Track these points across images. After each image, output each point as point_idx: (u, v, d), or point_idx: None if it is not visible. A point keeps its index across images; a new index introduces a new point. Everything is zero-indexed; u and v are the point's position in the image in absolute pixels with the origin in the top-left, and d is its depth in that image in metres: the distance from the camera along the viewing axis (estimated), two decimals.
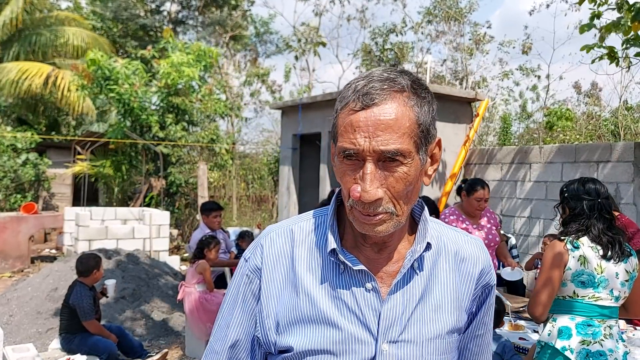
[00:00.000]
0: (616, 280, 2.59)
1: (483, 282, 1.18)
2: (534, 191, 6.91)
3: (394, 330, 1.06)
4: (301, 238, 1.14)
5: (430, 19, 17.08)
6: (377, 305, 1.06)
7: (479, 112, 7.81)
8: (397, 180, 0.99)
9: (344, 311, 1.06)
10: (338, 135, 1.02)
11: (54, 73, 14.24)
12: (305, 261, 1.11)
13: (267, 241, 1.15)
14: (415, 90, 1.03)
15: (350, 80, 1.06)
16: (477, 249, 1.18)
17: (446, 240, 1.16)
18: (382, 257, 1.10)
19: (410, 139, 0.99)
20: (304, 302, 1.08)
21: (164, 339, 5.84)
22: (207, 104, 12.67)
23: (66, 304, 4.72)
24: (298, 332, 1.07)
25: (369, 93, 0.99)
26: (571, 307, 2.62)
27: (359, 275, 1.07)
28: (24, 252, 9.92)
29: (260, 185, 17.64)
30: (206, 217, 6.03)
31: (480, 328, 1.23)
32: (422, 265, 1.11)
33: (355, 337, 1.05)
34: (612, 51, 5.04)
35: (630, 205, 5.92)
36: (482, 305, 1.21)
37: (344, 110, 1.01)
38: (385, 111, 0.98)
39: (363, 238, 1.09)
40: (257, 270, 1.13)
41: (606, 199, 2.70)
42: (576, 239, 2.63)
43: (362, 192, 0.97)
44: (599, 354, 2.50)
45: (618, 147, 6.15)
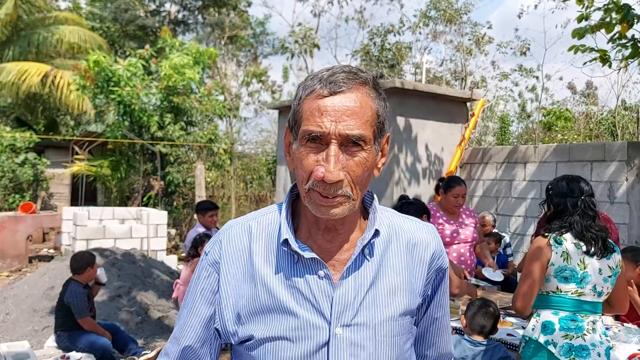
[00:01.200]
0: (599, 276, 2.62)
1: (435, 265, 1.23)
2: (528, 190, 6.94)
3: (346, 314, 1.10)
4: (258, 232, 1.18)
5: (426, 21, 17.11)
6: (330, 291, 1.11)
7: (474, 112, 7.84)
8: (357, 165, 1.05)
9: (299, 299, 1.11)
10: (302, 119, 1.07)
11: (52, 72, 14.27)
12: (263, 254, 1.16)
13: (225, 237, 1.20)
14: (375, 86, 1.10)
15: (312, 73, 1.12)
16: (428, 234, 1.24)
17: (398, 228, 1.21)
18: (334, 246, 1.14)
19: (370, 128, 1.06)
20: (262, 293, 1.12)
21: (159, 337, 5.87)
22: (206, 104, 12.70)
23: (61, 302, 4.76)
24: (258, 321, 1.12)
25: (336, 82, 1.05)
26: (555, 302, 2.65)
27: (312, 264, 1.12)
28: (21, 252, 9.95)
29: (259, 185, 17.66)
30: (202, 216, 6.05)
31: (438, 311, 1.28)
32: (373, 252, 1.15)
33: (310, 323, 1.10)
34: (604, 54, 5.06)
35: (624, 204, 5.95)
36: (438, 288, 1.26)
37: (310, 96, 1.07)
38: (351, 99, 1.05)
39: (317, 226, 1.14)
40: (216, 264, 1.18)
41: (590, 197, 2.73)
42: (559, 235, 2.67)
43: (326, 172, 1.02)
44: (581, 348, 2.54)
45: (612, 147, 6.18)
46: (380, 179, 7.05)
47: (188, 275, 5.38)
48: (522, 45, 16.14)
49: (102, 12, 18.66)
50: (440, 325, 1.30)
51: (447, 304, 1.31)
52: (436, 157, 7.49)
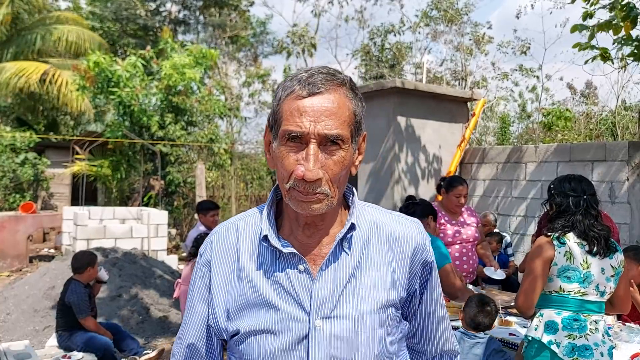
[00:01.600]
0: (602, 275, 2.62)
1: (420, 259, 1.25)
2: (529, 190, 6.93)
3: (326, 307, 1.13)
4: (245, 231, 1.23)
5: (427, 21, 17.10)
6: (309, 285, 1.14)
7: (475, 111, 7.84)
8: (335, 163, 1.09)
9: (281, 293, 1.15)
10: (282, 119, 1.11)
11: (50, 71, 14.27)
12: (248, 251, 1.21)
13: (215, 237, 1.26)
14: (352, 87, 1.15)
15: (290, 74, 1.18)
16: (410, 229, 1.25)
17: (380, 222, 1.24)
18: (313, 241, 1.18)
19: (348, 127, 1.11)
20: (248, 289, 1.17)
21: (160, 337, 5.87)
22: (207, 104, 12.70)
23: (62, 302, 4.75)
24: (245, 316, 1.17)
25: (315, 83, 1.10)
26: (558, 302, 2.65)
27: (292, 259, 1.16)
28: (22, 252, 9.95)
29: (259, 185, 17.67)
30: (203, 216, 6.05)
31: (431, 305, 1.31)
32: (352, 246, 1.18)
33: (291, 316, 1.13)
34: (605, 52, 5.06)
35: (625, 204, 5.95)
36: (427, 282, 1.28)
37: (290, 97, 1.11)
38: (329, 99, 1.09)
39: (297, 222, 1.18)
40: (208, 263, 1.24)
41: (592, 196, 2.73)
42: (562, 235, 2.66)
43: (306, 171, 1.06)
44: (584, 348, 2.54)
45: (612, 147, 6.18)
46: (380, 178, 7.05)
47: (189, 274, 5.38)
48: (523, 45, 16.15)
49: (103, 11, 18.64)
50: (436, 319, 1.32)
51: (440, 298, 1.33)
52: (436, 157, 7.48)
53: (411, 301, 1.28)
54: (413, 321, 1.30)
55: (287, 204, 1.16)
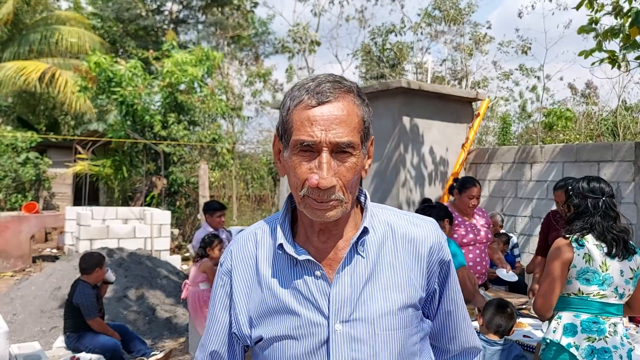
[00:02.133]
0: (621, 278, 2.61)
1: (436, 258, 1.25)
2: (535, 191, 6.94)
3: (344, 310, 1.15)
4: (263, 239, 1.26)
5: (429, 21, 17.10)
6: (327, 289, 1.16)
7: (479, 112, 7.83)
8: (348, 170, 1.11)
9: (300, 299, 1.17)
10: (293, 129, 1.12)
11: (50, 70, 14.25)
12: (266, 259, 1.24)
13: (235, 246, 1.29)
14: (359, 93, 1.17)
15: (297, 82, 1.17)
16: (425, 229, 1.26)
17: (394, 225, 1.25)
18: (328, 246, 1.20)
19: (358, 134, 1.13)
20: (268, 297, 1.20)
21: (167, 337, 5.86)
22: (209, 103, 12.69)
23: (70, 303, 4.74)
24: (267, 322, 1.20)
25: (323, 92, 1.11)
26: (576, 304, 2.64)
27: (309, 265, 1.18)
28: (25, 252, 9.93)
29: (260, 185, 17.66)
30: (210, 216, 6.04)
31: (451, 304, 1.32)
32: (367, 249, 1.20)
33: (311, 321, 1.16)
34: (613, 55, 5.06)
35: (631, 205, 5.96)
36: (446, 281, 1.30)
37: (299, 107, 1.12)
38: (338, 108, 1.11)
39: (312, 228, 1.20)
40: (228, 272, 1.28)
41: (611, 198, 2.72)
42: (581, 237, 2.65)
43: (320, 179, 1.08)
44: (603, 351, 2.53)
45: (619, 147, 6.18)
46: (386, 178, 7.05)
47: (196, 275, 5.37)
48: (524, 45, 16.16)
49: (104, 11, 18.61)
50: (457, 318, 1.33)
51: (459, 297, 1.34)
52: (442, 157, 7.48)
53: (431, 300, 1.29)
54: (434, 321, 1.32)
55: (301, 211, 1.17)
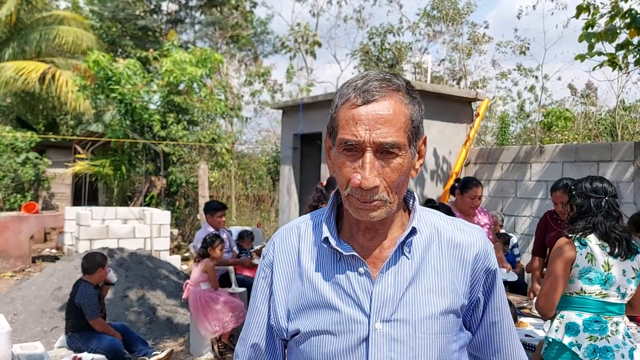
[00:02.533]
0: (623, 277, 2.63)
1: (482, 266, 1.23)
2: (534, 191, 6.96)
3: (386, 310, 1.14)
4: (307, 233, 1.27)
5: (427, 20, 17.13)
6: (369, 287, 1.15)
7: (479, 111, 7.86)
8: (393, 171, 1.10)
9: (342, 295, 1.16)
10: (339, 128, 1.13)
11: (50, 70, 14.24)
12: (309, 253, 1.23)
13: (278, 238, 1.30)
14: (409, 90, 1.15)
15: (348, 80, 1.17)
16: (471, 235, 1.24)
17: (440, 228, 1.24)
18: (374, 244, 1.19)
19: (404, 133, 1.11)
20: (309, 290, 1.19)
21: (168, 337, 5.87)
22: (208, 103, 12.69)
23: (71, 303, 4.74)
24: (305, 316, 1.19)
25: (369, 90, 1.10)
26: (578, 303, 2.66)
27: (352, 261, 1.17)
28: (25, 252, 9.92)
29: (259, 185, 17.65)
30: (210, 216, 6.05)
31: (496, 315, 1.28)
32: (413, 251, 1.19)
33: (351, 318, 1.15)
34: (613, 57, 5.08)
35: (631, 205, 5.98)
36: (491, 290, 1.26)
37: (345, 105, 1.12)
38: (384, 107, 1.09)
39: (357, 226, 1.19)
40: (270, 264, 1.28)
41: (613, 197, 2.73)
42: (584, 236, 2.67)
43: (362, 179, 1.07)
44: (605, 350, 2.55)
45: (618, 147, 6.21)
46: None
47: (198, 275, 5.39)
48: (522, 45, 16.18)
49: (102, 11, 18.59)
50: (501, 330, 1.29)
51: (505, 307, 1.30)
52: (442, 157, 7.50)
53: (474, 310, 1.26)
54: (478, 331, 1.29)
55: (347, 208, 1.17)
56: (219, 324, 5.25)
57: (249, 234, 7.06)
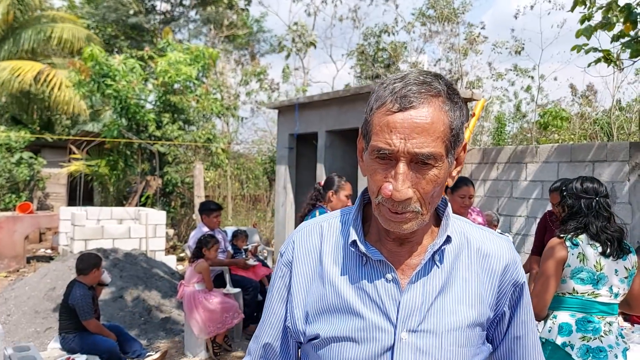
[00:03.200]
0: (615, 277, 2.63)
1: (510, 278, 1.19)
2: (530, 191, 6.96)
3: (413, 319, 1.09)
4: (329, 233, 1.20)
5: (423, 20, 17.13)
6: (397, 295, 1.10)
7: (475, 112, 7.86)
8: (428, 182, 1.04)
9: (366, 301, 1.11)
10: (372, 133, 1.06)
11: (46, 70, 14.20)
12: (332, 254, 1.17)
13: (298, 237, 1.23)
14: (450, 95, 1.07)
15: (385, 81, 1.10)
16: (501, 246, 1.20)
17: (470, 237, 1.19)
18: (403, 250, 1.14)
19: (442, 143, 1.03)
20: (330, 293, 1.14)
21: (163, 338, 5.85)
22: (204, 102, 12.66)
23: (65, 304, 4.72)
24: (325, 320, 1.13)
25: (407, 96, 1.02)
26: (571, 303, 2.66)
27: (380, 267, 1.12)
28: (19, 252, 9.88)
29: (255, 185, 17.62)
30: (206, 216, 6.04)
31: (521, 329, 1.23)
32: (443, 259, 1.14)
33: (376, 326, 1.09)
34: (608, 54, 5.09)
35: (626, 205, 5.98)
36: (517, 304, 1.22)
37: (381, 110, 1.05)
38: (422, 114, 1.02)
39: (386, 232, 1.14)
40: (289, 263, 1.21)
41: (605, 198, 2.73)
42: (575, 237, 2.67)
43: (394, 190, 1.02)
44: (598, 350, 2.55)
45: (613, 147, 6.21)
46: None
47: (192, 276, 5.38)
48: (517, 45, 16.20)
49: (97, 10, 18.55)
50: (526, 344, 1.24)
51: (531, 322, 1.25)
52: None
53: (499, 323, 1.21)
54: (501, 345, 1.24)
55: None
56: (213, 324, 5.23)
57: (242, 233, 7.04)
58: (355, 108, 7.82)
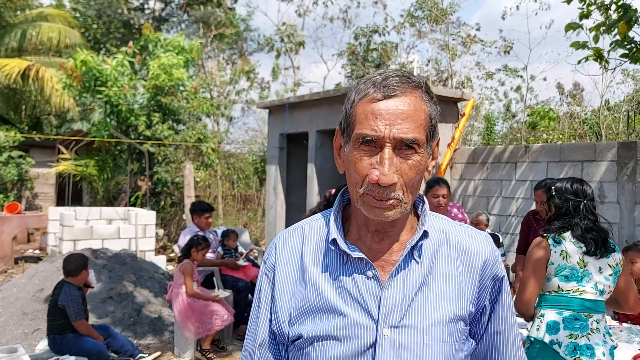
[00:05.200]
0: (600, 274, 2.66)
1: (490, 273, 1.20)
2: (519, 190, 7.00)
3: (394, 315, 1.10)
4: (310, 235, 1.21)
5: (412, 21, 17.17)
6: (378, 292, 1.11)
7: (465, 112, 7.89)
8: (411, 168, 1.07)
9: (347, 299, 1.12)
10: (356, 123, 1.09)
11: (34, 67, 14.08)
12: (313, 255, 1.19)
13: (280, 240, 1.24)
14: (427, 89, 1.13)
15: (364, 77, 1.14)
16: (480, 242, 1.22)
17: (449, 233, 1.21)
18: (383, 247, 1.16)
19: (424, 131, 1.08)
20: (312, 293, 1.15)
21: (153, 338, 5.82)
22: (194, 102, 12.62)
23: (54, 305, 4.67)
24: (307, 321, 1.14)
25: (390, 85, 1.07)
26: (557, 302, 2.68)
27: (360, 264, 1.13)
28: (7, 253, 9.80)
29: (246, 185, 17.58)
30: (197, 217, 6.02)
31: (501, 324, 1.24)
32: (422, 255, 1.15)
33: (357, 323, 1.10)
34: (599, 52, 5.11)
35: (614, 204, 6.03)
36: (497, 299, 1.23)
37: (364, 100, 1.08)
38: (405, 102, 1.07)
39: (366, 227, 1.15)
40: (272, 268, 1.22)
41: (591, 201, 2.78)
42: (558, 235, 2.71)
43: (381, 175, 1.03)
44: (586, 347, 2.57)
45: (602, 147, 6.26)
46: None
47: (178, 276, 5.34)
48: (506, 45, 16.27)
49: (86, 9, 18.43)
50: (506, 339, 1.26)
51: (511, 317, 1.26)
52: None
53: (480, 318, 1.23)
54: (482, 340, 1.25)
55: (356, 209, 1.13)
56: (202, 326, 5.21)
57: (232, 232, 7.00)
58: None
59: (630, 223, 5.88)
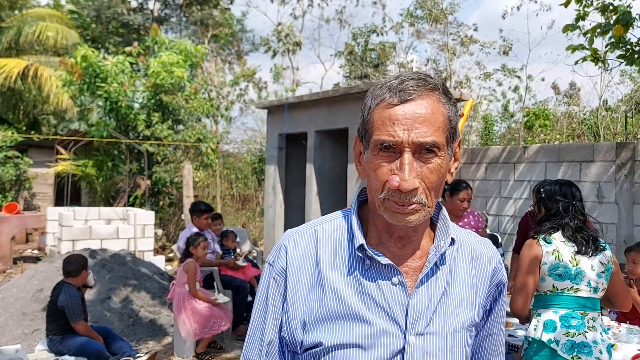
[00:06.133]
0: (592, 272, 2.70)
1: (496, 279, 1.22)
2: (518, 190, 7.01)
3: (420, 323, 1.09)
4: (325, 238, 1.16)
5: (411, 21, 17.20)
6: (404, 299, 1.09)
7: (463, 112, 7.89)
8: (432, 172, 1.05)
9: (372, 306, 1.09)
10: (373, 129, 1.07)
11: (32, 67, 14.05)
12: (330, 260, 1.14)
13: (290, 243, 1.17)
14: (445, 91, 1.10)
15: (381, 81, 1.12)
16: (488, 248, 1.24)
17: (462, 239, 1.21)
18: (406, 253, 1.13)
19: (443, 134, 1.06)
20: (331, 300, 1.10)
21: (151, 339, 5.82)
22: (193, 103, 12.62)
23: (54, 305, 4.67)
24: (326, 328, 1.09)
25: (406, 90, 1.05)
26: (553, 301, 2.72)
27: (385, 270, 1.11)
28: (6, 253, 9.79)
29: (244, 185, 17.58)
30: (197, 217, 6.03)
31: (495, 326, 1.26)
32: (445, 261, 1.15)
33: (384, 331, 1.08)
34: (596, 53, 5.13)
35: (612, 204, 6.05)
36: (496, 303, 1.24)
37: (380, 106, 1.07)
38: (422, 106, 1.04)
39: (388, 233, 1.13)
40: (283, 272, 1.15)
41: (580, 202, 2.85)
42: (548, 235, 2.76)
43: (401, 181, 1.02)
44: (583, 345, 2.60)
45: (600, 147, 6.28)
46: None
47: (181, 276, 5.35)
48: (505, 45, 16.30)
49: (84, 9, 18.41)
50: (496, 341, 1.28)
51: (503, 319, 1.29)
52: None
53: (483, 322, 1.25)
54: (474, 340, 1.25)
55: (376, 214, 1.11)
56: (200, 327, 5.22)
57: (231, 232, 7.00)
58: (344, 108, 7.82)
59: (629, 223, 5.90)
